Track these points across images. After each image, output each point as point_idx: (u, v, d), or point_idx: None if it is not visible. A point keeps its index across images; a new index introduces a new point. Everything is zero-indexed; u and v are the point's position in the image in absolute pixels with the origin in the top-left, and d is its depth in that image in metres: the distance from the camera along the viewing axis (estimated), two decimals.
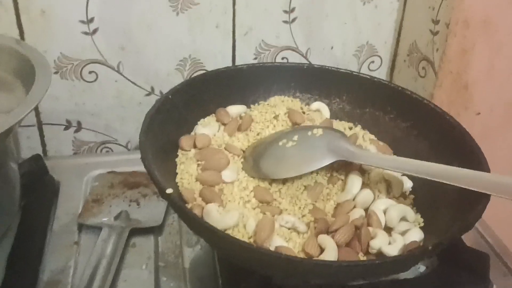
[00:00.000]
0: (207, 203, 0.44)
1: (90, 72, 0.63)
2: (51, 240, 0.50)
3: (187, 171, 0.46)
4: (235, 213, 0.42)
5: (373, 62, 0.72)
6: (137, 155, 0.62)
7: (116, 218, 0.52)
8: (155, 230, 0.52)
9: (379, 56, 0.72)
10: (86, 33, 0.61)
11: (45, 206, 0.53)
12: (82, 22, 0.60)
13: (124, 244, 0.49)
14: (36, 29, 0.59)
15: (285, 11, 0.65)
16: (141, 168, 0.58)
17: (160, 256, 0.49)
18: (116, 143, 0.69)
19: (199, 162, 0.47)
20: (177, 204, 0.39)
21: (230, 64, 0.67)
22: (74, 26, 0.60)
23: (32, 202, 0.51)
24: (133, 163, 0.60)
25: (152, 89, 0.66)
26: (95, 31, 0.61)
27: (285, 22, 0.66)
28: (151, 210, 0.54)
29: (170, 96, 0.50)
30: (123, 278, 0.47)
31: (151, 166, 0.41)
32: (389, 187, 0.48)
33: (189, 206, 0.42)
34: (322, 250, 0.41)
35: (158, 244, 0.51)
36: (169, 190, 0.39)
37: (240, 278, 0.43)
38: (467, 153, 0.46)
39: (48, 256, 0.48)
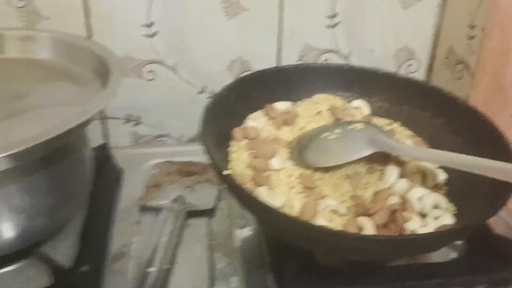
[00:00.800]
0: (257, 186, 0.49)
1: (149, 71, 0.70)
2: (117, 219, 0.56)
3: (239, 159, 0.52)
4: (283, 195, 0.47)
5: (411, 64, 0.76)
6: (189, 148, 0.69)
7: (173, 201, 0.58)
8: (208, 213, 0.58)
9: (417, 59, 0.76)
10: (146, 36, 0.67)
11: (110, 189, 0.59)
12: (144, 25, 0.67)
13: (181, 224, 0.55)
14: (102, 31, 0.66)
15: (329, 16, 0.70)
16: (193, 158, 0.65)
17: (213, 236, 0.55)
18: (169, 137, 0.75)
19: (250, 151, 0.52)
20: (233, 183, 0.44)
21: (275, 65, 0.72)
22: (136, 29, 0.67)
23: (99, 185, 0.57)
24: (185, 155, 0.67)
25: (204, 88, 0.72)
26: (154, 34, 0.67)
27: (328, 26, 0.70)
28: (204, 195, 0.59)
29: (225, 92, 0.55)
30: (181, 253, 0.52)
31: (211, 151, 0.46)
32: (424, 178, 0.52)
33: None
34: (361, 230, 0.45)
35: (211, 225, 0.56)
36: (227, 172, 0.45)
37: (286, 257, 0.48)
38: (499, 147, 0.49)
39: (115, 233, 0.54)
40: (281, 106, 0.59)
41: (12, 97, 0.51)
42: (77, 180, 0.52)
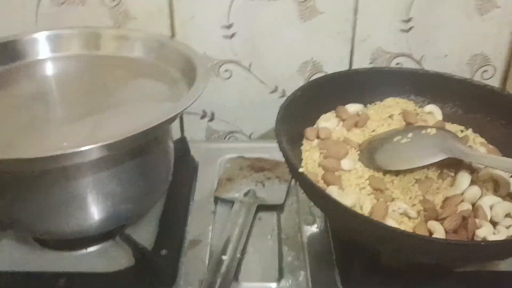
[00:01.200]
0: (328, 185, 0.51)
1: (226, 71, 0.73)
2: (192, 208, 0.60)
3: (311, 158, 0.54)
4: (353, 195, 0.49)
5: (486, 71, 0.75)
6: (260, 144, 0.72)
7: (245, 195, 0.61)
8: (277, 208, 0.60)
9: (492, 66, 0.74)
10: (225, 37, 0.71)
11: (187, 180, 0.63)
12: (223, 27, 0.70)
13: (252, 217, 0.58)
14: (184, 32, 0.70)
15: (403, 21, 0.70)
16: (263, 155, 0.68)
17: (282, 230, 0.57)
18: (241, 133, 0.78)
19: (322, 151, 0.54)
20: (307, 180, 0.46)
21: (346, 68, 0.73)
22: (216, 30, 0.70)
23: (178, 176, 0.61)
24: (256, 151, 0.69)
25: (276, 88, 0.75)
26: (233, 35, 0.71)
27: (402, 30, 0.71)
28: (274, 191, 0.62)
29: (299, 93, 0.57)
30: (252, 244, 0.55)
31: (286, 148, 0.48)
32: (496, 186, 0.52)
33: None
34: (431, 234, 0.46)
35: (280, 220, 0.59)
36: (301, 169, 0.47)
37: (352, 256, 0.50)
38: None
39: (191, 221, 0.58)
40: (353, 108, 0.60)
41: (105, 91, 0.56)
42: (159, 171, 0.56)
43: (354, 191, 0.50)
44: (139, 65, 0.59)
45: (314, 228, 0.57)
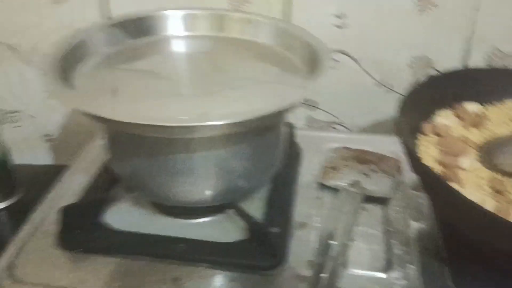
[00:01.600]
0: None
1: (334, 60, 0.73)
2: (298, 192, 0.61)
3: (427, 153, 0.53)
4: (473, 194, 0.48)
5: None
6: (362, 137, 0.73)
7: (350, 184, 0.61)
8: (384, 201, 0.60)
9: None
10: (337, 26, 0.71)
11: (293, 164, 0.64)
12: (336, 16, 0.70)
13: (358, 206, 0.58)
14: (297, 18, 0.70)
15: None
16: (366, 147, 0.68)
17: (389, 223, 0.57)
18: (342, 125, 0.79)
19: (440, 148, 0.54)
20: (431, 172, 0.46)
21: (459, 65, 0.71)
22: (328, 19, 0.70)
23: (284, 159, 0.62)
24: (358, 142, 0.69)
25: (382, 80, 0.74)
26: (345, 24, 0.71)
27: None
28: (380, 183, 0.62)
29: (418, 87, 0.57)
30: (359, 234, 0.55)
31: (408, 140, 0.48)
32: None
33: None
34: None
35: (387, 213, 0.58)
36: (425, 161, 0.47)
37: (465, 254, 0.49)
38: None
39: (297, 204, 0.59)
40: (471, 107, 0.59)
41: (225, 72, 0.58)
42: (273, 152, 0.57)
43: (473, 191, 0.49)
44: (260, 49, 0.60)
45: (422, 224, 0.57)
